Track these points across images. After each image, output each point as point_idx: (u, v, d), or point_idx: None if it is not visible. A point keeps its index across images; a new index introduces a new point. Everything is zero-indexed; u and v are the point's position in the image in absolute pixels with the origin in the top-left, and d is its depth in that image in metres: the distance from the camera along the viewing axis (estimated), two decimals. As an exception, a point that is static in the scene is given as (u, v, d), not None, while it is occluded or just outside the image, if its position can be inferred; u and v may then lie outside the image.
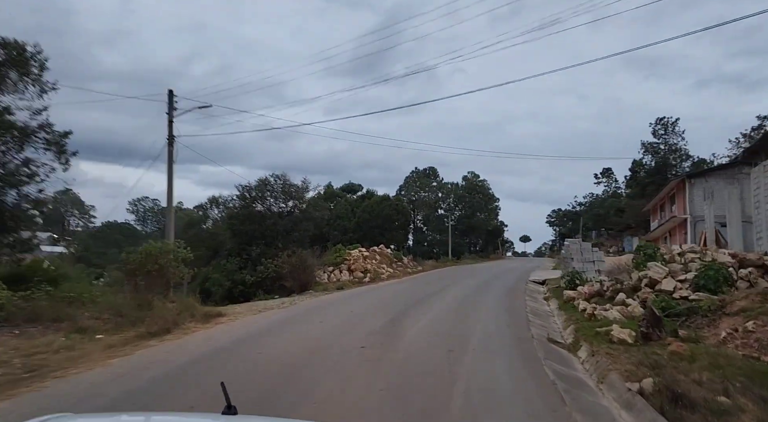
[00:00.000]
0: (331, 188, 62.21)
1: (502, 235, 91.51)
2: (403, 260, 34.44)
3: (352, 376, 7.03)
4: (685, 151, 76.16)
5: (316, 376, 6.99)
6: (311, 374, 7.14)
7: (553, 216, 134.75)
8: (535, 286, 25.70)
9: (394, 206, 44.65)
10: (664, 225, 29.45)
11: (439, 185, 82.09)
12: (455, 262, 49.89)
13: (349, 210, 46.75)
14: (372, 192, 50.91)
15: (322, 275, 26.52)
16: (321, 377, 6.96)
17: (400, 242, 44.44)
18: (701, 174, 25.96)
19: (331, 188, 62.21)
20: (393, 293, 19.29)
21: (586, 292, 15.66)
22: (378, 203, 44.49)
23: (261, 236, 25.05)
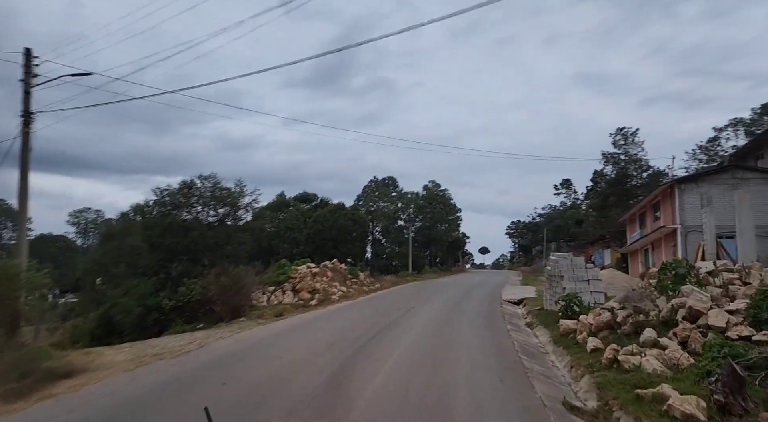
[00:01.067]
0: (284, 196, 57.64)
1: (464, 247, 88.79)
2: (359, 277, 30.44)
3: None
4: (646, 161, 75.61)
5: None
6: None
7: (513, 228, 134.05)
8: (511, 307, 22.19)
9: (350, 216, 40.60)
10: (648, 236, 26.61)
11: (398, 195, 78.63)
12: (416, 277, 46.23)
13: (301, 221, 42.41)
14: (326, 201, 46.68)
15: (261, 298, 22.19)
16: None
17: (357, 255, 40.42)
18: (692, 179, 23.25)
19: (284, 196, 57.64)
20: (342, 324, 15.23)
21: (591, 323, 12.07)
22: (332, 212, 40.33)
23: (185, 251, 20.57)
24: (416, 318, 16.75)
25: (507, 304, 23.09)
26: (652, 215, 27.36)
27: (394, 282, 35.52)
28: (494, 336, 13.72)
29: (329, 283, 25.64)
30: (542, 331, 15.09)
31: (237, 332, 14.07)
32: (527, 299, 23.82)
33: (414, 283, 38.39)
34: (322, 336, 12.58)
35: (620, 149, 78.71)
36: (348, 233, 39.32)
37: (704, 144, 74.97)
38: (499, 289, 31.83)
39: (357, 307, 20.26)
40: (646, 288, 12.64)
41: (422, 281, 41.15)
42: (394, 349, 10.96)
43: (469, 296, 26.27)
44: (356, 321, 15.58)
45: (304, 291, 22.93)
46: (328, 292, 23.78)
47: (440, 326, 14.96)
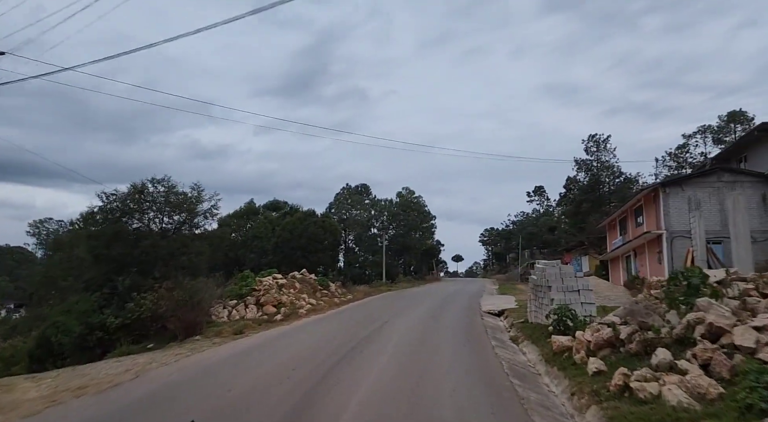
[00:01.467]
0: (253, 204, 55.32)
1: (438, 255, 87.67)
2: (330, 288, 28.66)
3: None
4: (618, 167, 76.00)
5: None
6: None
7: (486, 235, 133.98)
8: (492, 319, 20.78)
9: (321, 224, 38.75)
10: (631, 242, 25.64)
11: (372, 203, 77.07)
12: (390, 286, 44.61)
13: (270, 229, 40.38)
14: (296, 208, 44.70)
15: (221, 313, 20.25)
16: None
17: (328, 265, 38.60)
18: (677, 182, 22.34)
19: (253, 204, 55.32)
20: (307, 343, 13.52)
21: (589, 340, 10.67)
22: (301, 219, 38.41)
23: (134, 262, 18.51)
24: (391, 333, 15.14)
25: (488, 315, 21.69)
26: (634, 220, 26.45)
27: (367, 293, 33.84)
28: (479, 355, 12.21)
29: (297, 295, 23.83)
30: (530, 347, 13.65)
31: (185, 355, 12.20)
32: (508, 310, 22.47)
33: (388, 293, 36.77)
34: (282, 360, 10.84)
35: (592, 155, 79.12)
36: (318, 241, 37.47)
37: (673, 151, 75.79)
38: (477, 299, 30.48)
39: (326, 322, 18.53)
40: (647, 300, 11.33)
41: (396, 291, 39.56)
42: (365, 376, 9.33)
43: (447, 306, 24.81)
44: (323, 339, 13.87)
45: (269, 305, 21.07)
46: (296, 305, 21.97)
47: (418, 343, 13.39)
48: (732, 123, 67.38)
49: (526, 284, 53.58)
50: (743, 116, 67.36)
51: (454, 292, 36.68)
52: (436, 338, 14.51)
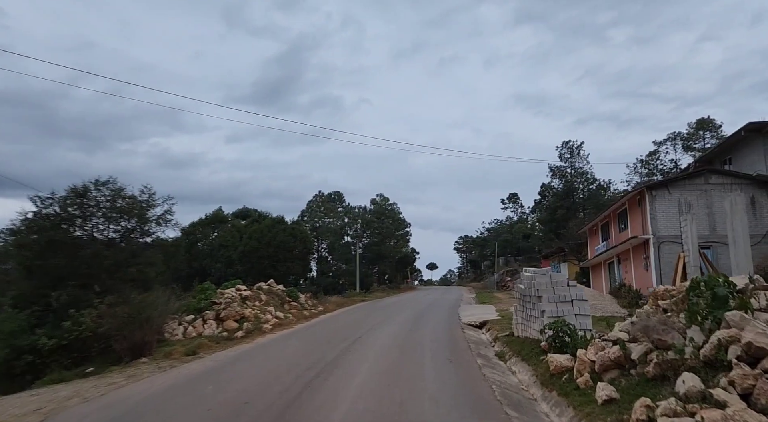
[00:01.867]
0: (221, 212, 52.87)
1: (413, 263, 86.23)
2: (300, 299, 26.77)
3: None
4: (591, 174, 76.03)
5: None
6: None
7: (461, 243, 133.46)
8: (473, 332, 19.27)
9: (291, 231, 36.80)
10: (616, 248, 24.53)
11: (345, 210, 75.30)
12: (364, 296, 42.85)
13: (237, 238, 38.21)
14: (265, 215, 42.53)
15: (175, 329, 18.21)
16: None
17: (299, 274, 36.60)
18: (663, 185, 21.31)
19: (221, 212, 52.87)
20: (267, 367, 11.72)
21: (593, 361, 9.20)
22: (270, 227, 36.38)
23: (74, 275, 16.36)
24: (364, 352, 13.44)
25: (469, 328, 20.19)
26: (618, 225, 25.42)
27: (340, 304, 32.03)
28: (465, 378, 10.61)
29: (262, 308, 21.90)
30: (521, 366, 12.14)
31: (119, 385, 10.27)
32: (490, 321, 21.01)
33: (362, 304, 35.01)
34: (233, 392, 9.03)
35: (566, 162, 79.09)
36: (288, 250, 35.51)
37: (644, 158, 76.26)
38: (455, 309, 29.00)
39: (293, 339, 16.70)
40: (657, 312, 9.93)
41: (371, 302, 37.82)
42: (332, 410, 7.63)
43: (425, 318, 23.22)
44: (286, 362, 12.08)
45: (230, 320, 19.12)
46: (260, 320, 20.05)
47: (395, 365, 11.72)
48: (701, 130, 68.19)
49: (503, 292, 52.47)
50: (711, 123, 68.20)
51: (431, 302, 35.18)
52: (416, 357, 12.88)
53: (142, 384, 10.30)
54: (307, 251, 38.80)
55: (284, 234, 35.45)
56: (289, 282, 37.18)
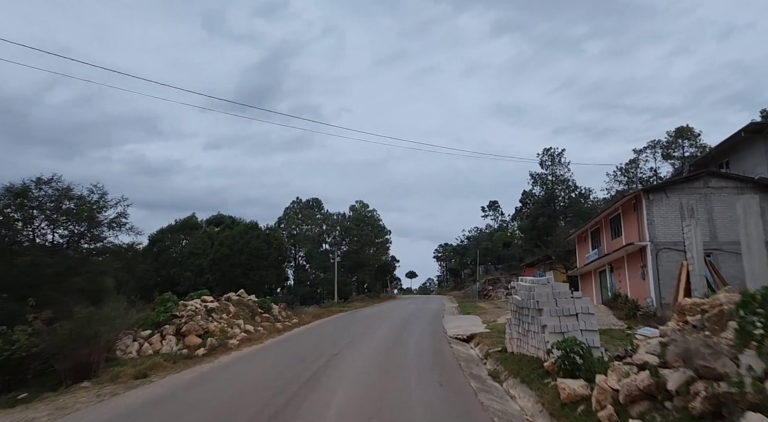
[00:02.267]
0: (194, 219, 50.48)
1: (393, 271, 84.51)
2: (273, 311, 24.85)
3: None
4: (573, 181, 75.63)
5: None
6: None
7: (441, 251, 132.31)
8: (462, 347, 17.66)
9: (265, 238, 34.75)
10: (609, 256, 23.25)
11: (324, 217, 73.34)
12: (342, 306, 40.97)
13: (208, 245, 36.06)
14: (238, 221, 40.34)
15: (129, 346, 16.19)
16: None
17: (274, 283, 34.57)
18: (660, 188, 20.11)
19: (194, 219, 50.48)
20: (226, 394, 9.90)
21: (615, 389, 7.68)
22: (242, 233, 34.32)
23: (11, 286, 14.26)
24: (341, 373, 11.72)
25: (456, 342, 18.58)
26: (610, 231, 24.18)
27: (317, 315, 30.16)
28: (459, 406, 8.97)
29: (230, 321, 19.97)
30: (521, 390, 10.56)
31: (67, 407, 8.38)
32: (478, 334, 19.46)
33: (340, 314, 33.17)
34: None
35: (547, 169, 78.60)
36: (262, 257, 33.48)
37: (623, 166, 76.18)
38: (438, 320, 27.42)
39: (260, 357, 14.86)
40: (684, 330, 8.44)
41: (349, 312, 35.98)
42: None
43: (408, 331, 21.56)
44: (252, 386, 10.29)
45: (193, 335, 17.15)
46: (227, 334, 18.14)
47: (377, 389, 10.03)
48: (680, 139, 68.34)
49: (486, 301, 51.11)
50: (690, 131, 68.47)
51: (413, 312, 33.53)
52: (401, 379, 11.20)
53: (68, 420, 8.40)
54: (282, 258, 36.75)
55: (258, 241, 33.40)
56: (264, 292, 35.16)
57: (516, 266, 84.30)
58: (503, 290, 58.03)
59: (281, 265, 35.88)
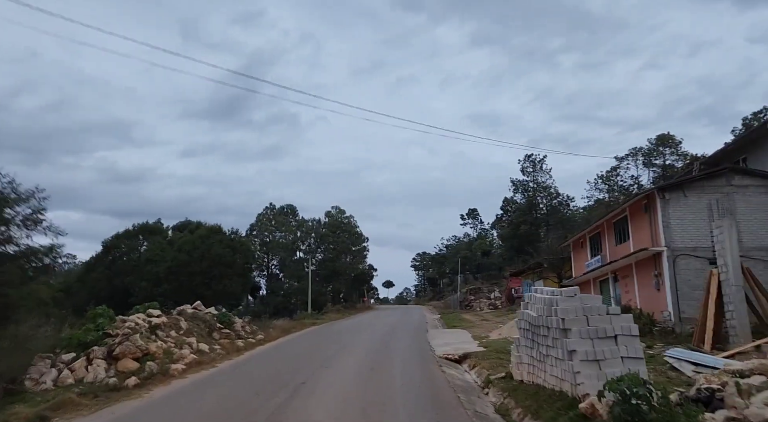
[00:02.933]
0: (160, 223, 46.52)
1: (370, 280, 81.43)
2: (235, 326, 21.67)
3: None
4: (555, 188, 74.01)
5: None
6: None
7: (418, 260, 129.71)
8: (455, 371, 14.85)
9: (229, 243, 31.36)
10: (612, 264, 20.79)
11: (298, 224, 69.97)
12: (316, 318, 37.80)
13: (168, 251, 32.57)
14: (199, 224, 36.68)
15: (46, 374, 12.92)
16: None
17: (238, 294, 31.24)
18: (677, 187, 17.75)
19: (160, 223, 46.52)
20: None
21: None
22: (203, 237, 30.92)
23: None
24: (308, 414, 8.80)
25: (447, 363, 15.78)
26: (613, 236, 21.77)
27: (286, 329, 27.01)
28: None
29: (180, 340, 16.79)
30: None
31: None
32: (471, 354, 16.70)
33: (313, 328, 30.08)
34: None
35: (529, 176, 76.86)
36: (226, 264, 30.13)
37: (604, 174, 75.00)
38: (422, 334, 24.62)
39: (205, 388, 11.78)
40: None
41: (323, 325, 32.89)
42: None
43: (389, 349, 18.69)
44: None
45: (128, 358, 13.96)
46: (173, 356, 14.98)
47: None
48: (661, 146, 67.51)
49: (470, 312, 48.44)
50: (671, 139, 67.75)
51: (394, 325, 30.65)
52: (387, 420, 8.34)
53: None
54: (249, 266, 33.40)
55: (221, 246, 30.02)
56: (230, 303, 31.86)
57: (496, 276, 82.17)
58: (486, 301, 55.57)
59: (247, 273, 32.47)
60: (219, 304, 29.60)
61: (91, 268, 35.05)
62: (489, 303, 53.95)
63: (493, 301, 54.37)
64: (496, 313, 38.64)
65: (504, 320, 31.07)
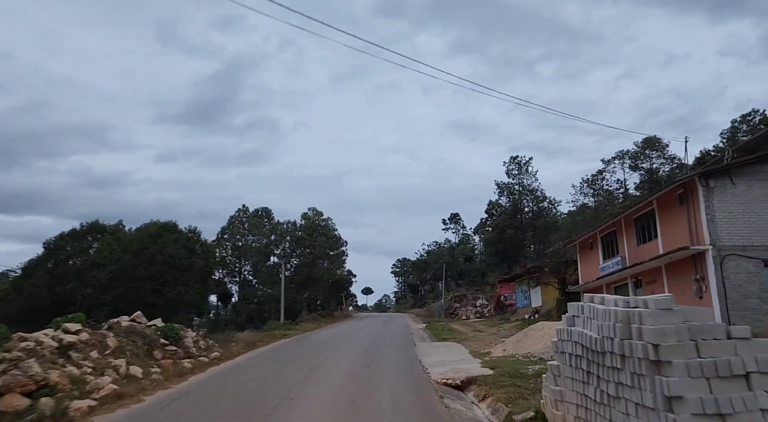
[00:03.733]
0: (121, 226, 41.84)
1: (349, 287, 77.59)
2: (184, 342, 17.81)
3: None
4: (542, 191, 71.43)
5: None
6: None
7: (399, 266, 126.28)
8: (461, 405, 11.32)
9: (185, 242, 27.20)
10: (636, 267, 17.55)
11: (273, 227, 65.94)
12: (288, 329, 33.92)
13: (118, 252, 28.37)
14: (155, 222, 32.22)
15: None
16: None
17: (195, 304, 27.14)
18: (724, 172, 14.63)
19: (121, 226, 41.84)
20: None
21: None
22: (153, 236, 26.73)
23: None
24: None
25: (446, 390, 12.27)
26: (634, 234, 18.60)
27: (251, 343, 23.15)
28: None
29: (102, 363, 12.94)
30: None
31: None
32: (477, 378, 13.22)
33: (282, 342, 26.27)
34: None
35: (514, 178, 74.17)
36: (181, 268, 26.00)
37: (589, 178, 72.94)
38: (410, 349, 21.09)
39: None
40: None
41: (296, 337, 29.09)
42: None
43: (373, 370, 15.10)
44: None
45: (15, 393, 10.14)
46: (85, 386, 11.15)
47: None
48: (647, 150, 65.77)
49: (457, 321, 44.96)
50: (658, 142, 66.18)
51: (375, 337, 27.04)
52: None
53: None
54: (209, 269, 29.23)
55: (175, 246, 25.90)
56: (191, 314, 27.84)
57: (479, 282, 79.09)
58: (472, 308, 52.30)
59: (206, 278, 28.29)
60: (177, 313, 25.64)
61: (31, 273, 30.66)
62: (476, 311, 50.67)
63: (480, 309, 51.12)
64: (487, 322, 35.31)
65: (499, 330, 27.77)
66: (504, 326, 29.70)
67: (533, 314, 29.03)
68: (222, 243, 67.97)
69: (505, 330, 27.87)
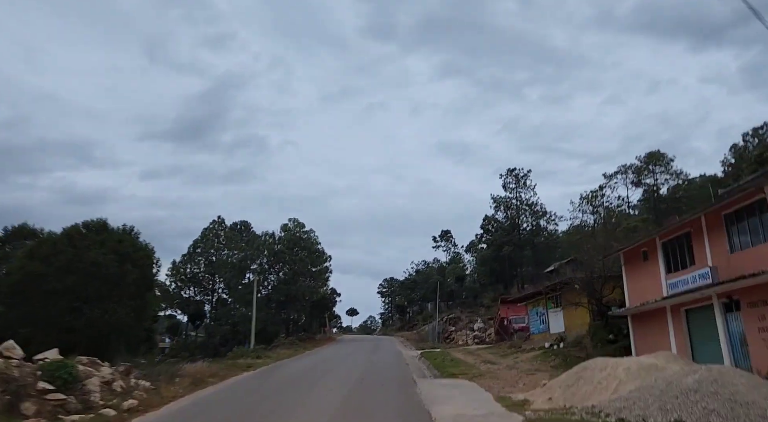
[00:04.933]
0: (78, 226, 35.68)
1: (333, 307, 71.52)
2: (86, 384, 12.15)
3: None
4: (542, 206, 66.59)
5: None
6: None
7: (386, 286, 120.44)
8: None
9: (115, 247, 20.98)
10: (739, 281, 12.30)
11: (250, 239, 60.04)
12: (257, 357, 28.05)
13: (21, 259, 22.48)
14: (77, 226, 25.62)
15: None
16: None
17: (127, 328, 20.90)
18: None
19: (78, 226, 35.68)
20: None
21: None
22: (72, 238, 20.50)
23: None
24: None
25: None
26: (726, 237, 13.44)
27: (199, 380, 17.38)
28: None
29: None
30: None
31: None
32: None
33: (243, 376, 20.52)
34: None
35: (512, 192, 69.42)
36: (109, 281, 19.80)
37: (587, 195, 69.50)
38: (411, 390, 15.43)
39: None
40: None
41: (261, 370, 23.30)
42: None
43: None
44: None
45: None
46: None
47: None
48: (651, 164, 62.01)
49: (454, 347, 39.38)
50: (662, 157, 62.63)
51: (363, 371, 21.36)
52: None
53: None
54: (148, 282, 23.08)
55: (101, 251, 19.87)
56: (128, 341, 21.93)
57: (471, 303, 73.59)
58: (469, 332, 46.67)
59: (145, 293, 22.15)
60: (106, 339, 19.81)
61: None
62: (474, 336, 45.04)
63: (479, 333, 45.50)
64: (494, 351, 29.74)
65: (516, 362, 22.30)
66: (520, 357, 24.23)
67: (557, 343, 23.62)
68: (194, 258, 61.95)
69: (524, 361, 22.42)
